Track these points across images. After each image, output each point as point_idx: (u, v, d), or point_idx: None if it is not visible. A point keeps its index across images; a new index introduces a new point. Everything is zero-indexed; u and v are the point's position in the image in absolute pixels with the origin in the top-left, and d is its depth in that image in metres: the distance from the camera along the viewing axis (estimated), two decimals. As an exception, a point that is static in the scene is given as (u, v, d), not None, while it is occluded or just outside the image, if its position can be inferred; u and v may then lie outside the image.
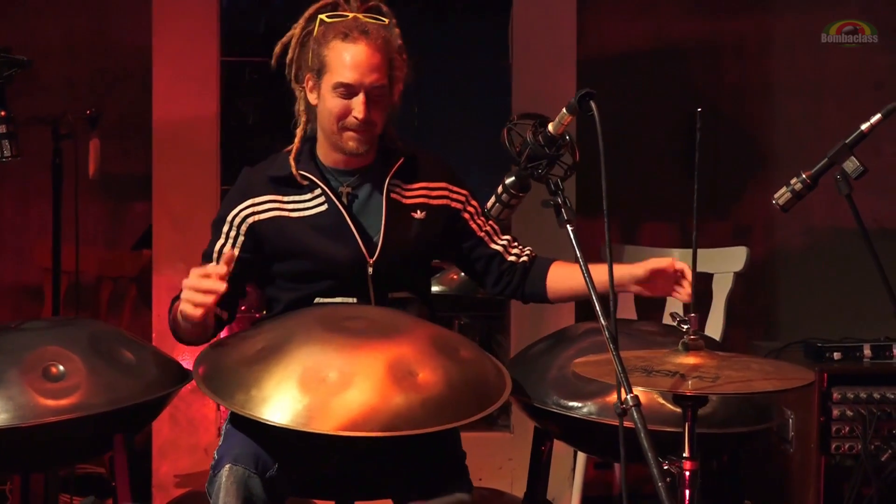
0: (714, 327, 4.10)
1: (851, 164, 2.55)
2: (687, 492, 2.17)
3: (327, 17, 2.62)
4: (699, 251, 4.10)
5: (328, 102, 2.58)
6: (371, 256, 2.62)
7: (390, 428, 2.18)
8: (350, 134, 2.58)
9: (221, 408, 3.87)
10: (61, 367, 2.47)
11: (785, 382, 2.10)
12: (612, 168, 1.98)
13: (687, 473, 2.16)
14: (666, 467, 2.22)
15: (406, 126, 3.08)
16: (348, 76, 2.53)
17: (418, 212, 2.70)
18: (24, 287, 4.51)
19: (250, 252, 2.63)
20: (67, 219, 3.70)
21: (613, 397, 2.58)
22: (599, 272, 2.57)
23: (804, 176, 2.61)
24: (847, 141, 2.56)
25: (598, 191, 1.93)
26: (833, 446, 3.66)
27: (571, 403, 2.56)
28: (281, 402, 2.19)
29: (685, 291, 2.64)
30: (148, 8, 4.21)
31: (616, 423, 2.23)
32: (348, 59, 2.54)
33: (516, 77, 4.43)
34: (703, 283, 4.11)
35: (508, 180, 2.20)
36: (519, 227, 3.40)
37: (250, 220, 2.63)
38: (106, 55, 4.57)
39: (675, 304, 2.84)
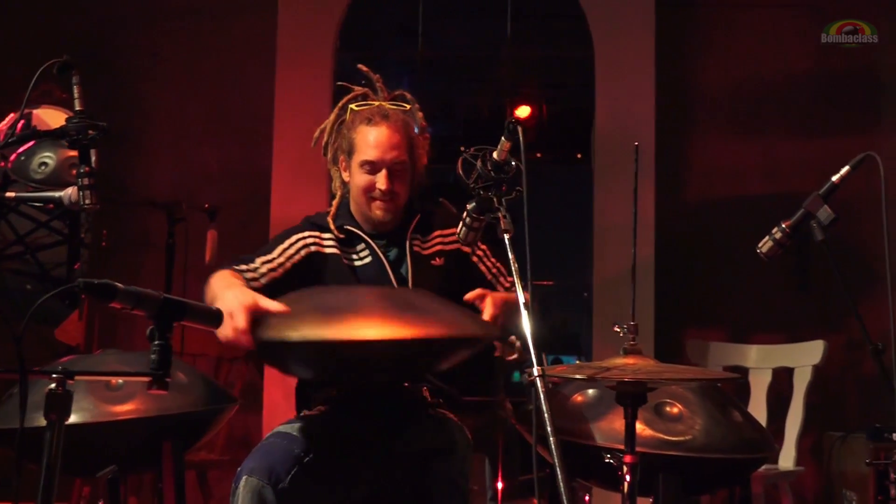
0: (794, 418, 4.20)
1: (825, 213, 2.79)
2: (626, 483, 2.40)
3: (356, 105, 2.99)
4: (779, 346, 4.28)
5: (356, 178, 2.92)
6: None
7: (397, 333, 2.40)
8: (377, 203, 2.91)
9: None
10: (120, 381, 2.94)
11: (699, 374, 2.32)
12: (727, 282, 2.21)
13: (625, 466, 2.40)
14: (608, 460, 2.47)
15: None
16: (372, 154, 2.88)
17: (437, 259, 2.99)
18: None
19: (294, 277, 2.87)
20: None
21: (604, 422, 2.85)
22: None
23: (784, 226, 2.83)
24: (820, 192, 2.81)
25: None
26: (894, 526, 3.67)
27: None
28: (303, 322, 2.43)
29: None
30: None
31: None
32: (371, 139, 2.88)
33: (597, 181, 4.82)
34: (784, 378, 4.26)
35: (470, 206, 2.53)
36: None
37: (313, 248, 2.92)
38: (254, 180, 5.03)
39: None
